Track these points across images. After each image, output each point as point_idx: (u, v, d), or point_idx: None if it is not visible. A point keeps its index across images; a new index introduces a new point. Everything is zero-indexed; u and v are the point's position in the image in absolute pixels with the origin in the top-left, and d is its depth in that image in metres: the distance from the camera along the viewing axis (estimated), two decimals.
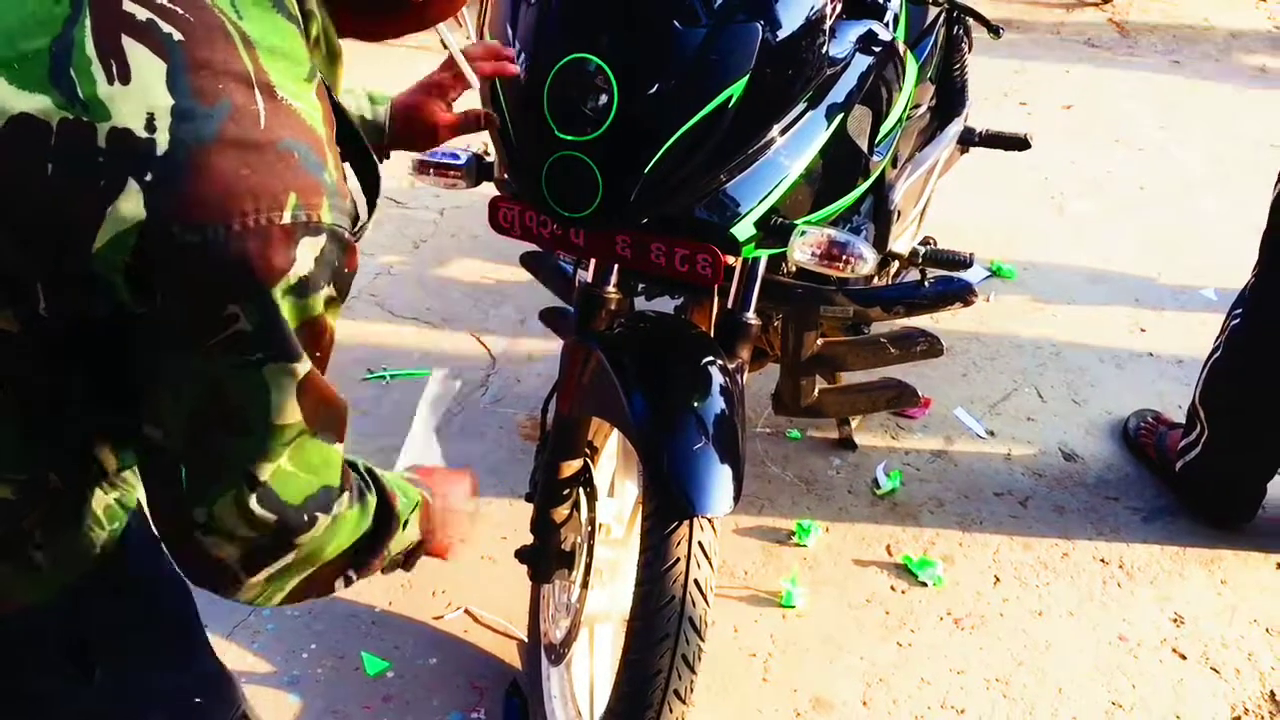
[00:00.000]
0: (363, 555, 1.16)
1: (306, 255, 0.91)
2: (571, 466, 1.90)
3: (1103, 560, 2.47)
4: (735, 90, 1.61)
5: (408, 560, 1.28)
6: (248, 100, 0.89)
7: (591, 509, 1.91)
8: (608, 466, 2.04)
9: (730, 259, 1.74)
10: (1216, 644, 2.29)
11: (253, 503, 0.99)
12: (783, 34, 1.67)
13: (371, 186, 1.09)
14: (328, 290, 0.94)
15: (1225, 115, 4.37)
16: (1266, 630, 2.32)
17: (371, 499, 1.15)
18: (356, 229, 1.00)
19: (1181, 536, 2.52)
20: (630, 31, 1.63)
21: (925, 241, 2.57)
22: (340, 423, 1.04)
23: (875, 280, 2.27)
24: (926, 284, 1.97)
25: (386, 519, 1.17)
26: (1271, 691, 2.19)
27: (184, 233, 0.87)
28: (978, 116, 2.84)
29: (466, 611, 2.29)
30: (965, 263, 1.96)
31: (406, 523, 1.22)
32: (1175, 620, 2.34)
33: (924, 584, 2.39)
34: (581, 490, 1.92)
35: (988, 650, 2.26)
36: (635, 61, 1.60)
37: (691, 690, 1.68)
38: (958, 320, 3.11)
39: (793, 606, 2.32)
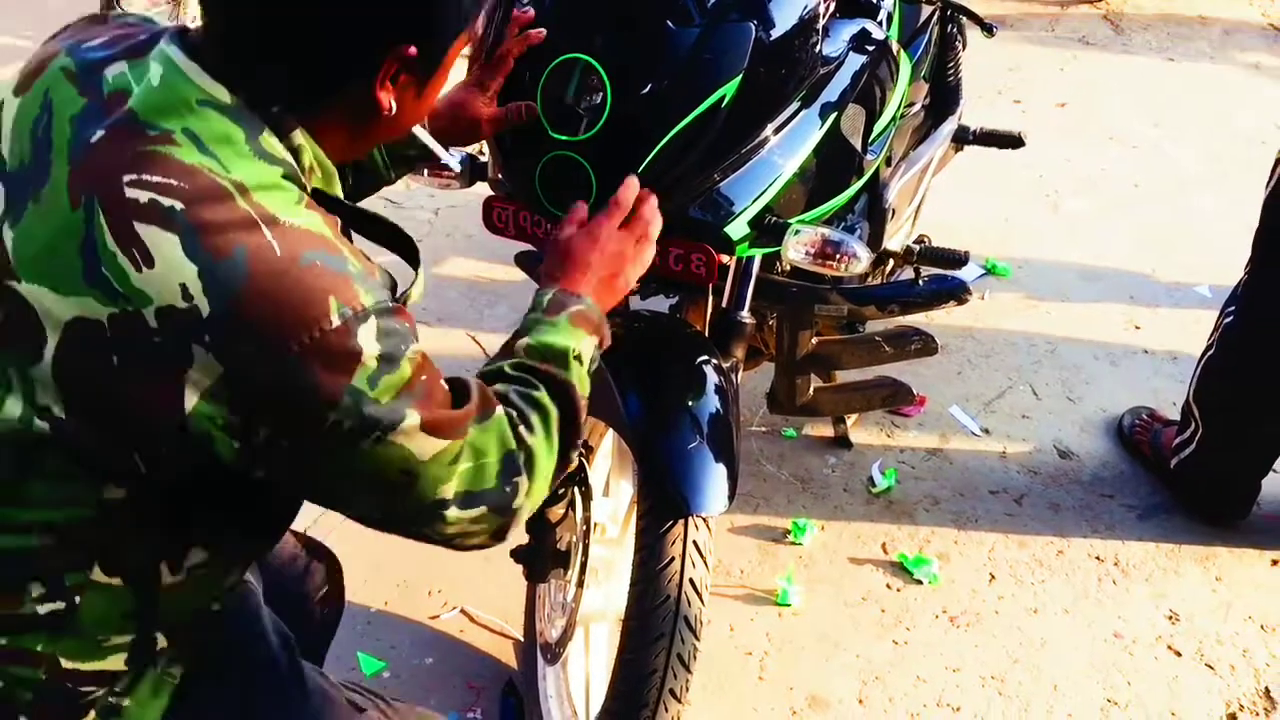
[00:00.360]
0: (569, 415, 1.21)
1: (368, 340, 0.99)
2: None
3: (1098, 558, 2.47)
4: (728, 89, 1.61)
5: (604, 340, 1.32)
6: (257, 237, 0.97)
7: (587, 508, 1.91)
8: (603, 466, 2.04)
9: (724, 258, 1.74)
10: (1211, 641, 2.29)
11: (454, 514, 1.09)
12: (776, 33, 1.67)
13: (409, 254, 1.16)
14: (399, 353, 1.02)
15: (1220, 112, 4.38)
16: (1261, 627, 2.32)
17: (540, 394, 1.19)
18: (400, 295, 1.08)
19: (1176, 534, 2.53)
20: (623, 31, 1.63)
21: (919, 240, 2.58)
22: (477, 405, 1.10)
23: (870, 279, 2.27)
24: (921, 282, 1.97)
25: (561, 388, 1.21)
26: (1266, 688, 2.20)
27: (258, 373, 0.96)
28: (972, 115, 2.84)
29: (462, 611, 2.29)
30: (960, 261, 1.96)
31: (578, 356, 1.25)
32: (1170, 617, 2.34)
33: (919, 582, 2.39)
34: (577, 489, 1.91)
35: (983, 648, 2.26)
36: (628, 61, 1.60)
37: (687, 689, 1.68)
38: (952, 318, 3.11)
39: (788, 605, 2.33)
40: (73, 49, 1.09)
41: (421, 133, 1.33)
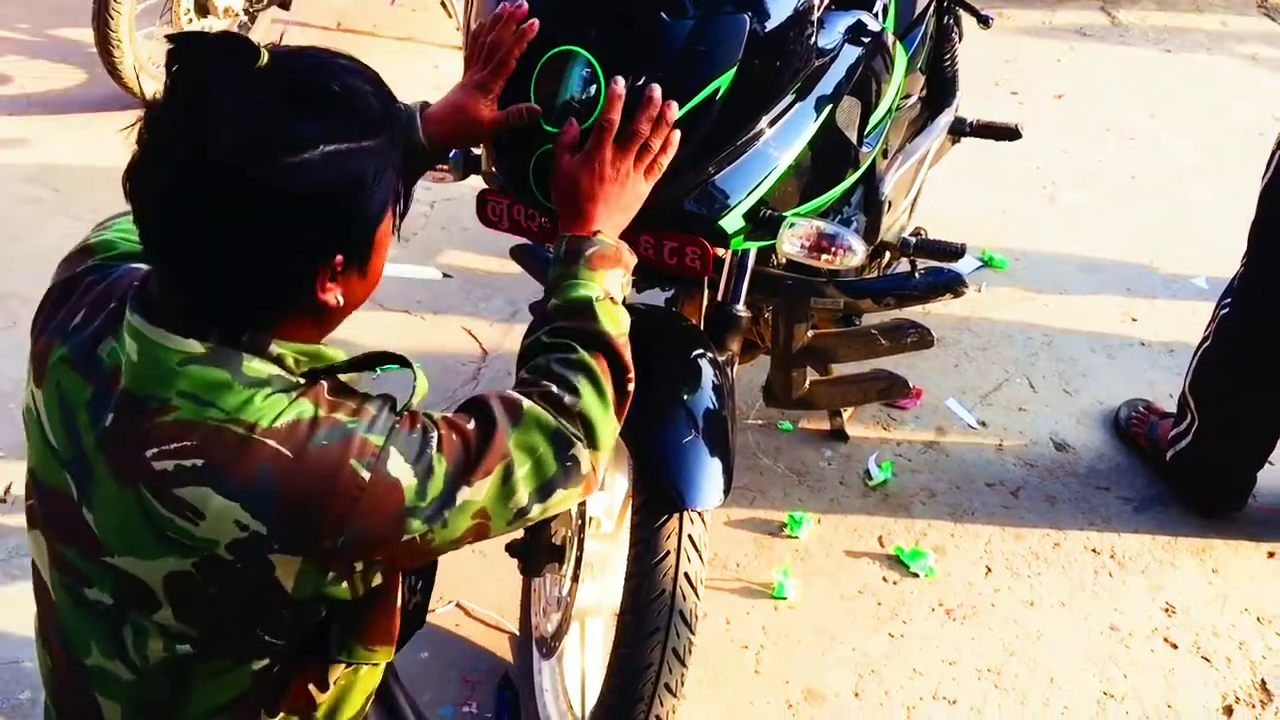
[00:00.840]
0: (615, 361, 1.30)
1: (399, 469, 1.12)
2: None
3: (1094, 550, 2.47)
4: (723, 82, 1.61)
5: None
6: (270, 453, 1.08)
7: (582, 503, 1.91)
8: None
9: (720, 251, 1.74)
10: (1208, 633, 2.29)
11: (537, 510, 1.21)
12: (771, 25, 1.66)
13: (400, 362, 1.24)
14: (427, 455, 1.13)
15: (1217, 104, 4.37)
16: (1257, 619, 2.32)
17: (578, 355, 1.28)
18: (404, 405, 1.17)
19: (1173, 526, 2.53)
20: (617, 24, 1.62)
21: (916, 232, 2.57)
22: (505, 418, 1.20)
23: (866, 271, 2.26)
24: (917, 275, 1.96)
25: (600, 339, 1.30)
26: (1262, 680, 2.20)
27: (331, 547, 1.10)
28: (968, 107, 2.83)
29: (458, 605, 2.29)
30: (956, 253, 1.95)
31: (604, 298, 1.33)
32: (1167, 610, 2.34)
33: (916, 575, 2.39)
34: None
35: (979, 640, 2.26)
36: (622, 54, 1.59)
37: (683, 683, 1.68)
38: (949, 311, 3.11)
39: (785, 598, 2.32)
40: (65, 335, 1.18)
41: (397, 270, 1.40)
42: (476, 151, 1.91)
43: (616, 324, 1.33)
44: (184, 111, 1.07)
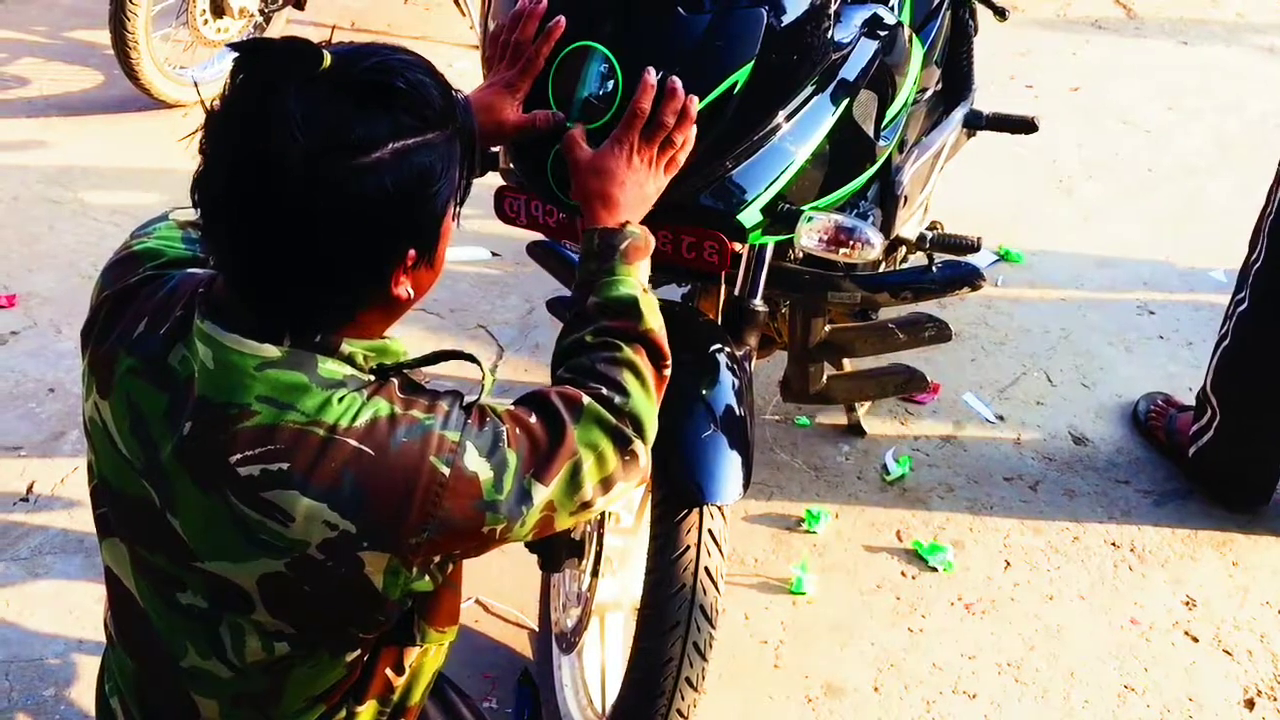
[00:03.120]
0: (656, 356, 1.34)
1: (476, 463, 1.14)
2: None
3: (1114, 544, 2.46)
4: (740, 76, 1.61)
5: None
6: (353, 454, 1.10)
7: None
8: None
9: (737, 246, 1.73)
10: (1229, 626, 2.28)
11: (601, 502, 1.24)
12: (787, 19, 1.66)
13: (469, 359, 1.26)
14: (500, 449, 1.16)
15: (1233, 96, 4.35)
16: (1279, 612, 2.31)
17: (624, 353, 1.30)
18: (473, 401, 1.19)
19: (1193, 519, 2.52)
20: (634, 19, 1.62)
21: (932, 226, 2.56)
22: (568, 414, 1.22)
23: (882, 265, 2.26)
24: (934, 269, 1.96)
25: (644, 337, 1.33)
26: None
27: (417, 542, 1.13)
28: (984, 100, 2.82)
29: (477, 601, 2.30)
30: (973, 247, 1.95)
31: (643, 291, 1.36)
32: (1187, 603, 2.33)
33: (934, 569, 2.39)
34: None
35: (999, 635, 2.26)
36: (640, 49, 1.59)
37: (703, 678, 1.68)
38: (966, 305, 3.10)
39: (803, 593, 2.32)
40: (130, 345, 1.19)
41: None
42: (494, 149, 1.92)
43: (656, 316, 1.35)
44: (252, 119, 1.07)
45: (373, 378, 1.16)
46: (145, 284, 1.23)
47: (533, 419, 1.20)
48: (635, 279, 1.35)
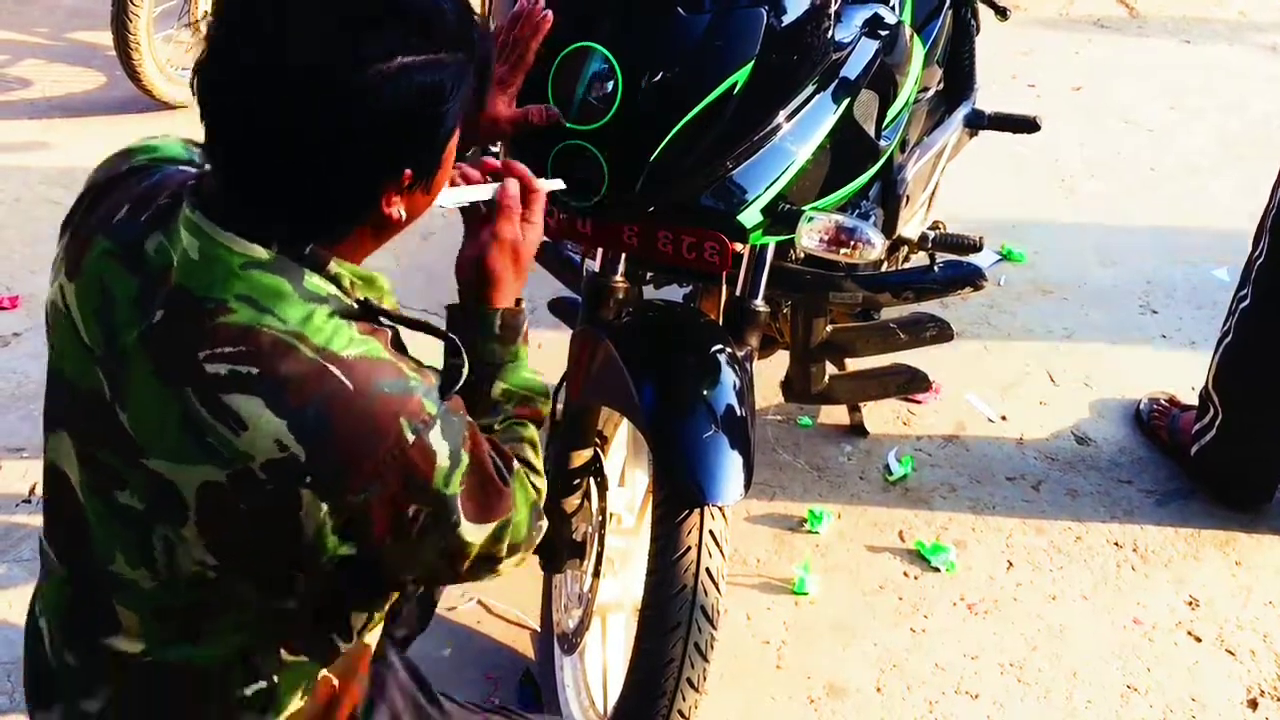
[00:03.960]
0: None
1: (439, 444, 1.10)
2: (582, 456, 1.90)
3: (1116, 543, 2.46)
4: (740, 76, 1.61)
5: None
6: (330, 382, 1.07)
7: (602, 498, 1.91)
8: (618, 456, 2.04)
9: (738, 246, 1.73)
10: (1231, 626, 2.28)
11: (502, 567, 1.25)
12: (788, 18, 1.66)
13: (454, 348, 1.25)
14: (459, 445, 1.13)
15: (1236, 95, 4.34)
16: None
17: (530, 433, 1.32)
18: (452, 391, 1.16)
19: (1195, 519, 2.51)
20: (634, 19, 1.62)
21: (934, 226, 2.56)
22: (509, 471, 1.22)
23: (884, 265, 2.26)
24: (936, 268, 1.95)
25: (541, 419, 1.35)
26: None
27: (355, 495, 1.08)
28: (986, 99, 2.82)
29: (480, 602, 2.30)
30: (974, 246, 1.95)
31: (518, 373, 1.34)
32: (1190, 603, 2.33)
33: (937, 569, 2.38)
34: (592, 480, 1.92)
35: (1001, 635, 2.25)
36: (639, 49, 1.59)
37: (704, 678, 1.68)
38: (968, 305, 3.10)
39: (805, 593, 2.32)
40: (109, 229, 1.15)
41: (452, 195, 1.34)
42: (494, 149, 1.92)
43: (548, 404, 1.37)
44: (260, 17, 1.05)
45: (357, 305, 1.13)
46: (133, 173, 1.21)
47: (487, 447, 1.19)
48: (527, 359, 1.35)
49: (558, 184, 1.42)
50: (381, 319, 1.15)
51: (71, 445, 1.18)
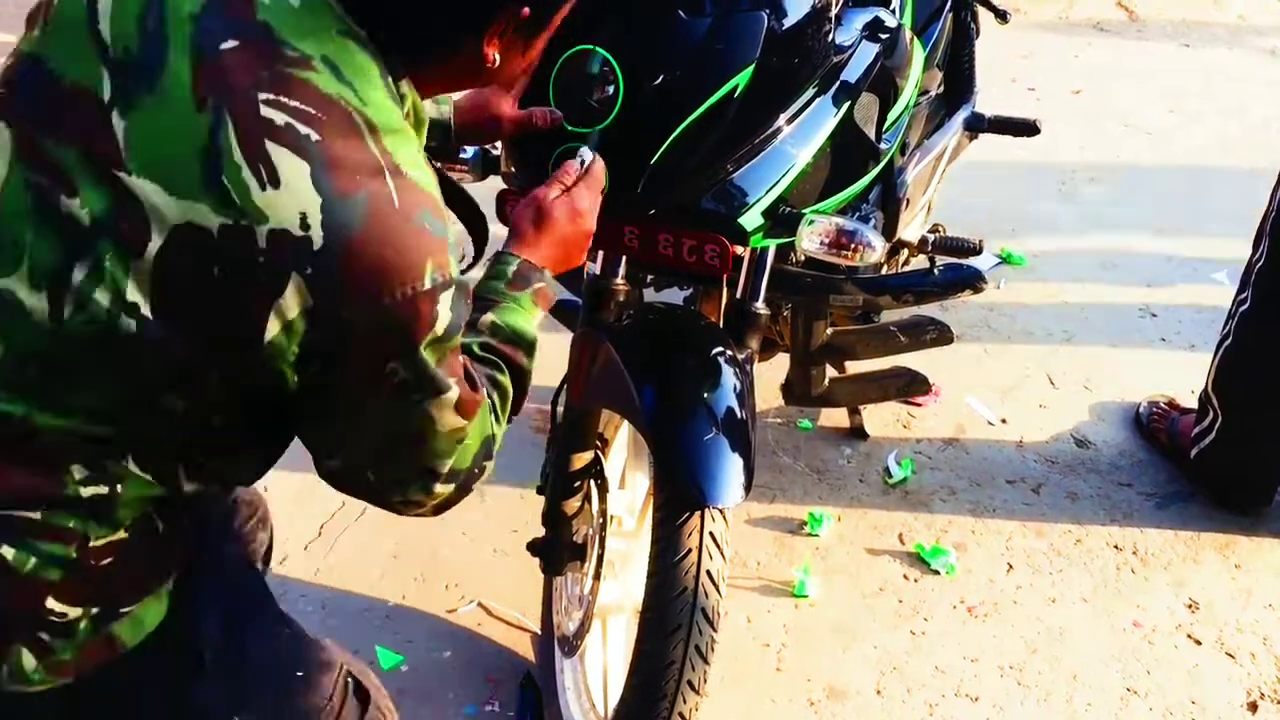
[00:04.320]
0: (518, 401, 1.29)
1: (444, 308, 1.04)
2: (582, 459, 1.90)
3: (1116, 546, 2.46)
4: (741, 79, 1.61)
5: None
6: (381, 186, 1.00)
7: (603, 501, 1.91)
8: (618, 458, 2.04)
9: (739, 249, 1.73)
10: (1231, 629, 2.28)
11: (437, 487, 1.16)
12: (788, 22, 1.66)
13: (479, 232, 1.22)
14: (458, 325, 1.07)
15: (1236, 98, 4.35)
16: None
17: (505, 379, 1.26)
18: (466, 268, 1.13)
19: (1195, 522, 2.51)
20: (635, 22, 1.62)
21: (934, 229, 2.57)
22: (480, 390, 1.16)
23: (884, 268, 2.26)
24: (936, 272, 1.95)
25: (521, 376, 1.29)
26: None
27: (346, 312, 1.00)
28: (986, 102, 2.82)
29: (480, 605, 2.30)
30: (974, 250, 1.95)
31: (524, 323, 1.30)
32: (1190, 606, 2.33)
33: (937, 572, 2.39)
34: (592, 482, 1.92)
35: (1001, 638, 2.25)
36: (640, 52, 1.59)
37: (705, 681, 1.68)
38: (968, 308, 3.10)
39: (805, 596, 2.32)
40: None
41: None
42: (495, 151, 1.92)
43: (533, 363, 1.32)
44: None
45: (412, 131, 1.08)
46: None
47: (467, 359, 1.15)
48: (535, 320, 1.32)
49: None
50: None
51: (10, 137, 1.06)
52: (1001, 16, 2.58)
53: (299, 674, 1.30)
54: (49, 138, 1.03)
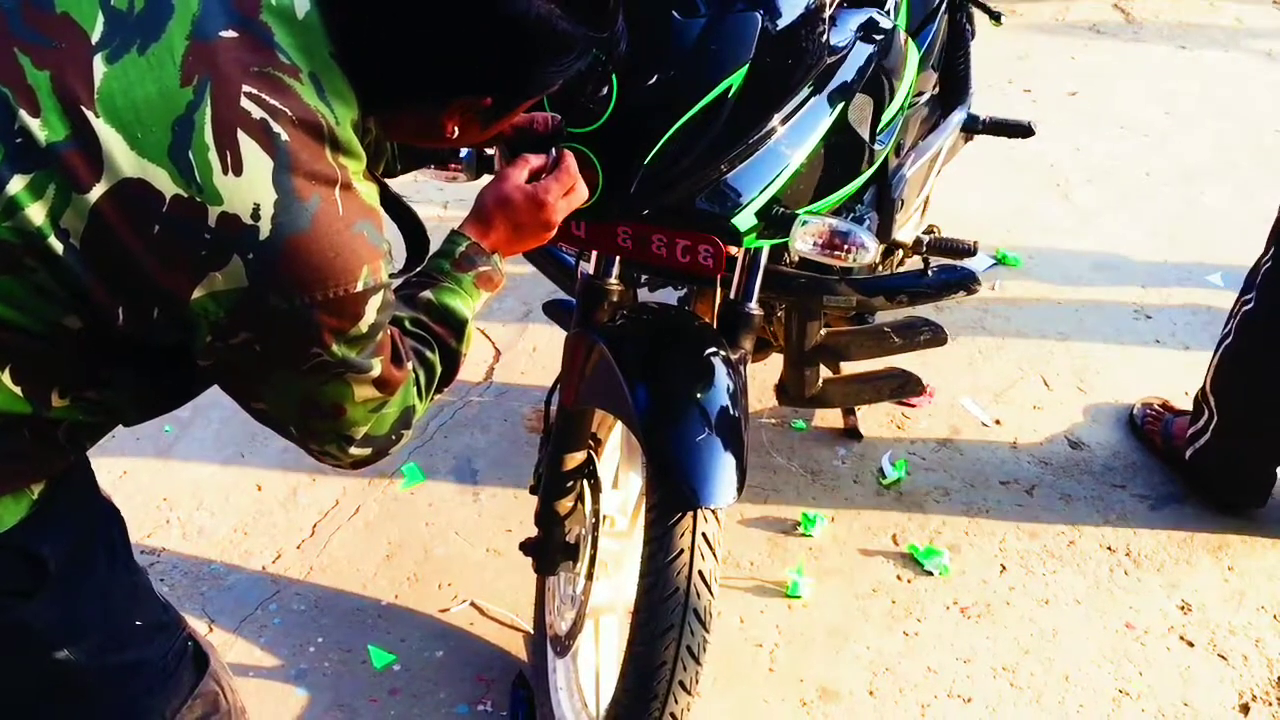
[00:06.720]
0: (446, 378, 1.34)
1: (371, 309, 1.11)
2: (575, 459, 1.90)
3: (1109, 548, 2.46)
4: (735, 80, 1.61)
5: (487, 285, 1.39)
6: (331, 194, 1.07)
7: (595, 501, 1.91)
8: (611, 458, 2.04)
9: (732, 249, 1.74)
10: (1224, 631, 2.28)
11: (352, 450, 1.24)
12: (782, 22, 1.66)
13: (417, 243, 1.29)
14: (382, 325, 1.15)
15: (1232, 100, 4.35)
16: (1274, 616, 2.31)
17: (433, 356, 1.31)
18: (392, 275, 1.18)
19: (1188, 523, 2.52)
20: (629, 22, 1.62)
21: (929, 230, 2.55)
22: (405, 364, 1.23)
23: (878, 269, 2.26)
24: (930, 273, 1.96)
25: (453, 357, 1.34)
26: (1279, 678, 2.19)
27: (278, 300, 1.06)
28: (981, 104, 2.82)
29: (472, 604, 2.30)
30: (969, 251, 1.95)
31: (462, 307, 1.34)
32: (1183, 607, 2.33)
33: (930, 573, 2.39)
34: (585, 482, 1.92)
35: (994, 639, 2.25)
36: (635, 52, 1.59)
37: (697, 681, 1.68)
38: (962, 309, 3.10)
39: (798, 597, 2.32)
40: None
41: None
42: (489, 151, 1.92)
43: (469, 347, 1.37)
44: None
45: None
46: None
47: (395, 332, 1.21)
48: (474, 304, 1.35)
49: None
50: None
51: None
52: (996, 18, 2.59)
53: (137, 623, 1.32)
54: (27, 54, 1.04)
